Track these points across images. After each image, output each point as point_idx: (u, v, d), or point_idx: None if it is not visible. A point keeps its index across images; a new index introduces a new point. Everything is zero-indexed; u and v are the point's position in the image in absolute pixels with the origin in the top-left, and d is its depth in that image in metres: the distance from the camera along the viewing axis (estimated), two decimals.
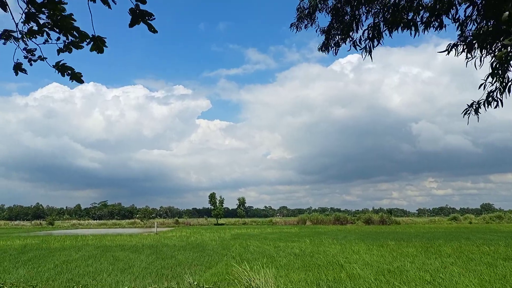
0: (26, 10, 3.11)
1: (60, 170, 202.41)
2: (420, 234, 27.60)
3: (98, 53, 3.24)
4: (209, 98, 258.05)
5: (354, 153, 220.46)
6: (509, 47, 3.72)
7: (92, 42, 3.22)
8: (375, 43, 5.71)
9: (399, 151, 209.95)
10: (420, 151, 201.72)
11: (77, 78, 3.59)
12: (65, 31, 3.21)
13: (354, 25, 5.85)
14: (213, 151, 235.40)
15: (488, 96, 4.42)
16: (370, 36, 5.64)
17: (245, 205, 77.51)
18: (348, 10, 5.88)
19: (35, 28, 3.22)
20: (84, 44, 3.34)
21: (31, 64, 3.54)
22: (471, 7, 4.58)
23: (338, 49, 6.52)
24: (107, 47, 3.25)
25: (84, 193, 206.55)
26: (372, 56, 5.81)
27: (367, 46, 5.80)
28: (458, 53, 4.68)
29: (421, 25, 5.17)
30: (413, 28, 5.20)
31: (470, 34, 4.66)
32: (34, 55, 3.49)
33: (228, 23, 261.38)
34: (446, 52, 4.73)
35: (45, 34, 3.26)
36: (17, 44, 3.38)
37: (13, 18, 3.20)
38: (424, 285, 8.18)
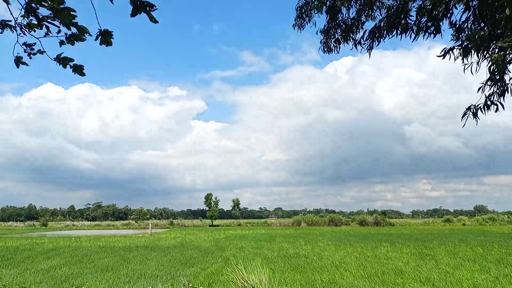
0: (25, 5, 3.11)
1: (54, 170, 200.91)
2: (414, 235, 27.73)
3: (106, 46, 3.31)
4: (204, 100, 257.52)
5: (349, 154, 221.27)
6: (507, 50, 3.73)
7: (100, 37, 3.25)
8: (375, 43, 5.85)
9: (393, 153, 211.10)
10: (413, 153, 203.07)
11: (79, 70, 3.58)
12: (65, 24, 3.22)
13: (354, 27, 5.92)
14: (208, 153, 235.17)
15: (487, 100, 4.43)
16: (372, 36, 5.74)
17: (240, 206, 77.24)
18: (345, 11, 5.95)
19: (35, 22, 3.23)
20: (86, 36, 3.37)
21: (30, 58, 3.55)
22: (468, 11, 4.61)
23: (339, 48, 6.58)
24: (113, 38, 3.29)
25: (78, 194, 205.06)
26: (370, 54, 6.06)
27: (369, 45, 5.93)
28: (454, 58, 4.70)
29: (418, 30, 5.21)
30: (412, 32, 5.25)
31: (466, 39, 4.68)
32: (33, 49, 3.50)
33: (222, 25, 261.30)
34: (442, 56, 4.74)
35: (44, 27, 3.28)
36: (17, 39, 3.40)
37: (11, 13, 3.20)
38: (419, 287, 8.22)
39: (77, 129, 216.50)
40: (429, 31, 5.09)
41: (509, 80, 4.17)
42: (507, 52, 3.63)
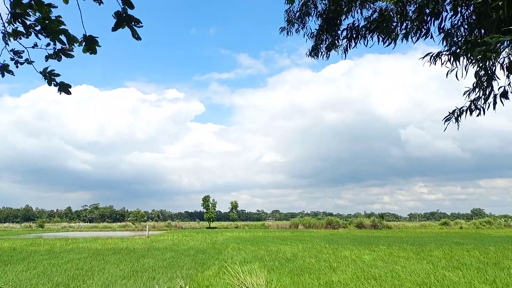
0: (12, 10, 3.03)
1: (51, 171, 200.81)
2: (411, 238, 27.76)
3: (91, 54, 3.08)
4: (202, 102, 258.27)
5: (346, 157, 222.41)
6: (491, 45, 3.71)
7: (84, 43, 3.04)
8: (352, 43, 5.81)
9: (389, 156, 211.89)
10: (409, 156, 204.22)
11: (65, 89, 3.42)
12: (52, 34, 3.07)
13: (335, 26, 5.92)
14: (206, 154, 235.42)
15: (471, 104, 4.48)
16: (348, 36, 5.71)
17: (238, 208, 77.03)
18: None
19: (21, 29, 3.10)
20: (74, 51, 3.22)
21: (17, 67, 3.45)
22: (455, 16, 4.63)
23: (329, 54, 6.51)
24: (100, 46, 3.07)
25: (75, 195, 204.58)
26: (346, 54, 6.05)
27: (344, 46, 5.91)
28: (442, 63, 4.68)
29: (402, 34, 5.19)
30: (390, 39, 5.25)
31: (455, 44, 4.69)
32: (22, 57, 3.40)
33: (219, 28, 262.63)
34: (428, 61, 4.71)
35: (33, 37, 3.13)
36: (4, 45, 3.29)
37: (1, 18, 3.14)
38: None
39: (74, 130, 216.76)
40: (416, 33, 5.03)
41: (498, 89, 4.18)
42: (490, 48, 3.60)
